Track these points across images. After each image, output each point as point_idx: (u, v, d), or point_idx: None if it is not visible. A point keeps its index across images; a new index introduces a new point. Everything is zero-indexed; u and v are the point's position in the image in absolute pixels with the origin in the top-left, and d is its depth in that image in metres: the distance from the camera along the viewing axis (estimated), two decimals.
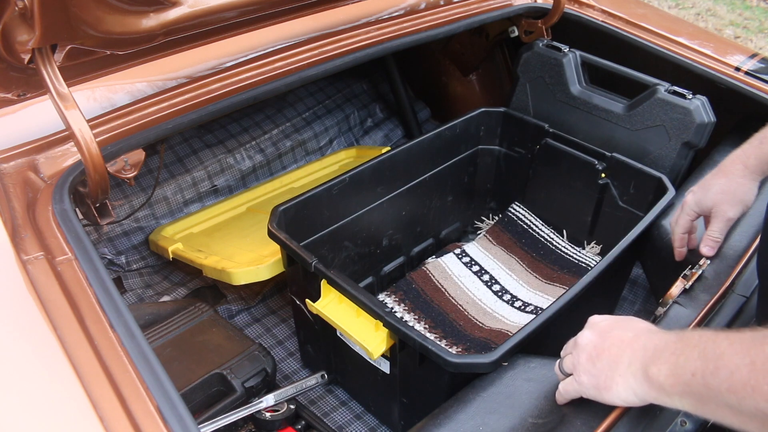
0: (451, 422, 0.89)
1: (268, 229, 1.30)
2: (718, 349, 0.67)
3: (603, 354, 0.81)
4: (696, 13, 5.04)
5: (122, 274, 1.77)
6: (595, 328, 0.85)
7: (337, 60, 1.49)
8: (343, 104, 2.33)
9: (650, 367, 0.74)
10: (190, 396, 1.27)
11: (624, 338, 0.80)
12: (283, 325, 1.70)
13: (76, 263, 0.96)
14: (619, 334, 0.81)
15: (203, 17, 1.10)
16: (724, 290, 1.11)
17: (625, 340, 0.80)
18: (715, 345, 0.67)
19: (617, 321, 0.84)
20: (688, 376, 0.69)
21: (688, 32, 1.82)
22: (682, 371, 0.70)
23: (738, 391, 0.63)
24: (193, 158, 1.96)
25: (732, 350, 0.65)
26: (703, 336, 0.70)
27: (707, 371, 0.66)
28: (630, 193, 1.56)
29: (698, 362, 0.68)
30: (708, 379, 0.66)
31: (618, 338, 0.81)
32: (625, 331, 0.81)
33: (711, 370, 0.66)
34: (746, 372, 0.63)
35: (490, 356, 0.98)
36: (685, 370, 0.69)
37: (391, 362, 1.23)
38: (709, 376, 0.66)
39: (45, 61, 0.99)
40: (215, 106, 1.31)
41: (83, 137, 1.03)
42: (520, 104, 1.85)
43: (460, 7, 1.77)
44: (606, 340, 0.82)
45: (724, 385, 0.64)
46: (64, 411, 0.79)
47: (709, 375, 0.66)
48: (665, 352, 0.73)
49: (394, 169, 1.58)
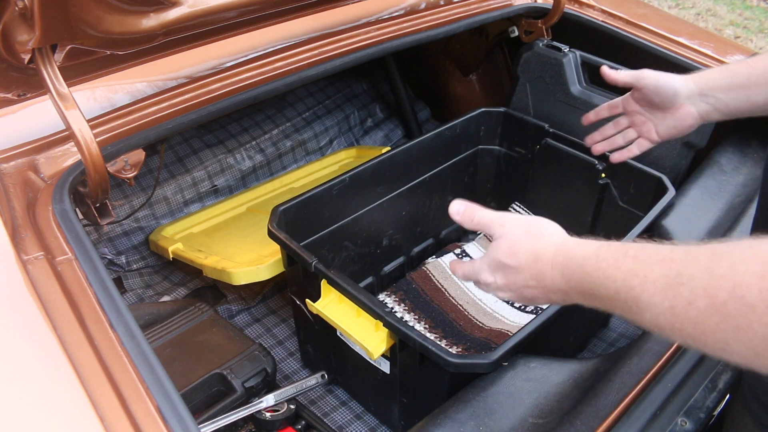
0: (451, 422, 0.89)
1: (268, 229, 1.30)
2: (634, 293, 0.65)
3: (518, 294, 0.82)
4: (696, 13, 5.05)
5: (122, 274, 1.77)
6: (497, 269, 0.83)
7: (337, 60, 1.49)
8: (343, 104, 2.33)
9: (572, 294, 0.75)
10: (190, 396, 1.27)
11: (532, 278, 0.80)
12: (283, 325, 1.70)
13: (76, 263, 0.96)
14: (525, 275, 0.80)
15: (203, 17, 1.10)
16: None
17: (536, 277, 0.79)
18: (631, 290, 0.65)
19: (530, 224, 0.84)
20: (610, 305, 0.69)
21: (689, 32, 1.82)
22: (603, 300, 0.70)
23: (664, 330, 0.62)
24: (193, 158, 1.96)
25: (648, 294, 0.63)
26: (618, 269, 0.67)
27: (629, 311, 0.65)
28: (630, 193, 1.56)
29: (619, 304, 0.67)
30: (632, 316, 0.65)
31: (524, 282, 0.81)
32: (537, 244, 0.80)
33: (634, 311, 0.65)
34: (669, 317, 0.61)
35: (490, 356, 0.98)
36: (606, 302, 0.69)
37: (391, 362, 1.23)
38: (632, 315, 0.65)
39: (45, 61, 0.99)
40: (215, 106, 1.31)
41: (83, 137, 1.03)
42: (520, 104, 1.85)
43: (460, 7, 1.77)
44: (516, 282, 0.81)
45: (649, 324, 0.64)
46: (64, 411, 0.79)
47: (632, 314, 0.65)
48: (580, 271, 0.73)
49: (394, 169, 1.58)
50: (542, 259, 0.78)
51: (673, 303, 0.60)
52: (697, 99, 1.12)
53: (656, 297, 0.62)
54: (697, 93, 1.11)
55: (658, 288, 0.62)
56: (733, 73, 1.07)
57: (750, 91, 1.04)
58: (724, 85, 1.08)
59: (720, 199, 1.37)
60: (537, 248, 0.79)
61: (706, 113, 1.12)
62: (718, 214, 1.34)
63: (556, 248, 0.78)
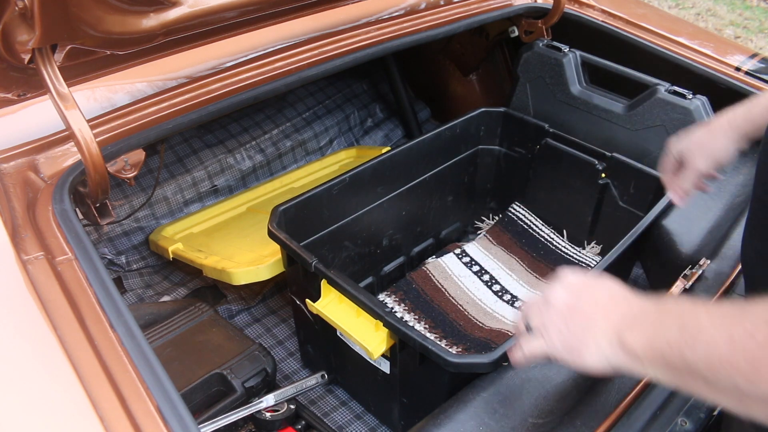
0: (451, 422, 0.89)
1: (268, 229, 1.30)
2: (697, 321, 0.65)
3: (577, 314, 0.77)
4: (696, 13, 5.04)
5: (122, 274, 1.77)
6: (569, 287, 0.80)
7: (337, 60, 1.49)
8: (343, 104, 2.33)
9: (626, 333, 0.72)
10: (190, 396, 1.27)
11: (599, 300, 0.77)
12: (283, 325, 1.70)
13: (76, 263, 0.96)
14: (594, 294, 0.78)
15: (203, 17, 1.10)
16: (724, 290, 1.11)
17: (600, 302, 0.77)
18: (694, 316, 0.66)
19: (592, 280, 0.81)
20: (664, 345, 0.67)
21: (688, 32, 1.82)
22: (659, 341, 0.68)
23: (715, 366, 0.61)
24: (193, 158, 1.96)
25: (711, 324, 0.63)
26: (683, 306, 0.68)
27: (685, 344, 0.65)
28: (630, 193, 1.56)
29: (676, 333, 0.66)
30: (685, 351, 0.64)
31: (593, 299, 0.77)
32: (601, 292, 0.78)
33: (689, 344, 0.64)
34: (725, 348, 0.61)
35: (490, 356, 0.98)
36: (662, 340, 0.67)
37: (391, 362, 1.23)
38: (686, 349, 0.64)
39: (45, 61, 0.99)
40: (215, 106, 1.31)
41: (83, 137, 1.03)
42: (520, 104, 1.85)
43: (460, 7, 1.77)
44: (580, 299, 0.78)
45: (702, 359, 0.63)
46: (64, 411, 0.79)
47: (686, 348, 0.64)
48: (642, 320, 0.71)
49: (394, 169, 1.58)
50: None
51: (732, 334, 0.60)
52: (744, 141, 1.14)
53: (716, 329, 0.62)
54: (742, 136, 1.13)
55: (722, 320, 0.63)
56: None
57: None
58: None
59: (720, 199, 1.37)
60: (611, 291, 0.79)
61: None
62: (718, 214, 1.34)
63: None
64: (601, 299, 0.77)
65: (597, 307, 0.76)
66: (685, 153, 1.17)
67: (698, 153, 1.14)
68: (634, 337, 0.71)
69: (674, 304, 0.70)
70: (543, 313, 0.81)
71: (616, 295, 0.77)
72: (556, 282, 0.82)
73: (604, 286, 0.79)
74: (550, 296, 0.81)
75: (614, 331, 0.73)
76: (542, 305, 0.81)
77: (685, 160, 1.17)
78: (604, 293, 0.78)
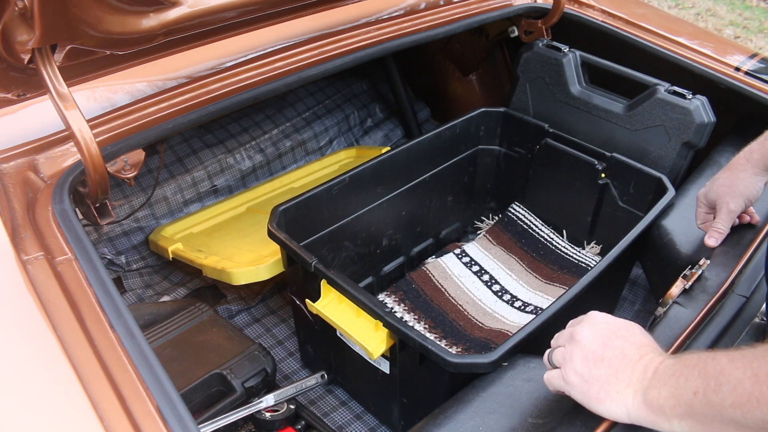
0: (451, 422, 0.89)
1: (268, 229, 1.30)
2: (718, 365, 0.66)
3: (601, 363, 0.78)
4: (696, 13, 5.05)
5: (122, 274, 1.77)
6: (596, 330, 0.81)
7: (337, 60, 1.49)
8: (343, 104, 2.33)
9: (650, 390, 0.72)
10: (190, 396, 1.27)
11: (627, 353, 0.77)
12: (283, 325, 1.70)
13: (75, 263, 0.95)
14: (621, 346, 0.78)
15: (203, 17, 1.10)
16: (724, 290, 1.11)
17: (627, 355, 0.77)
18: (715, 362, 0.67)
19: (620, 328, 0.80)
20: (689, 395, 0.67)
21: (688, 32, 1.82)
22: (683, 392, 0.68)
23: (743, 404, 0.62)
24: (193, 158, 1.96)
25: (733, 365, 0.65)
26: (702, 356, 0.69)
27: (709, 388, 0.65)
28: (630, 193, 1.56)
29: (699, 381, 0.67)
30: (710, 396, 0.65)
31: (620, 351, 0.77)
32: (629, 346, 0.78)
33: (713, 387, 0.65)
34: (749, 384, 0.62)
35: (490, 356, 0.98)
36: (686, 390, 0.68)
37: (391, 362, 1.23)
38: (712, 393, 0.65)
39: (45, 61, 0.99)
40: (215, 106, 1.31)
41: (83, 137, 1.03)
42: (520, 104, 1.85)
43: (459, 7, 1.77)
44: (607, 348, 0.78)
45: (728, 400, 0.63)
46: (63, 411, 0.79)
47: (712, 392, 0.65)
48: (665, 375, 0.72)
49: (394, 169, 1.58)
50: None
51: (756, 371, 0.62)
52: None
53: (739, 369, 0.64)
54: (763, 170, 1.16)
55: (743, 359, 0.64)
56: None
57: None
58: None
59: None
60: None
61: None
62: None
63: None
64: (629, 353, 0.77)
65: (624, 360, 0.76)
66: (714, 198, 1.20)
67: (727, 195, 1.17)
68: (658, 393, 0.71)
69: (693, 354, 0.71)
70: (566, 350, 0.81)
71: (643, 349, 0.77)
72: (586, 321, 0.83)
73: (632, 337, 0.79)
74: (576, 334, 0.81)
75: (640, 387, 0.74)
76: (566, 341, 0.83)
77: (716, 205, 1.20)
78: (632, 346, 0.78)
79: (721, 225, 1.19)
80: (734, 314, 1.08)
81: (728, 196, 1.17)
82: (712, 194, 1.20)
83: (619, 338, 0.79)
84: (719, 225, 1.19)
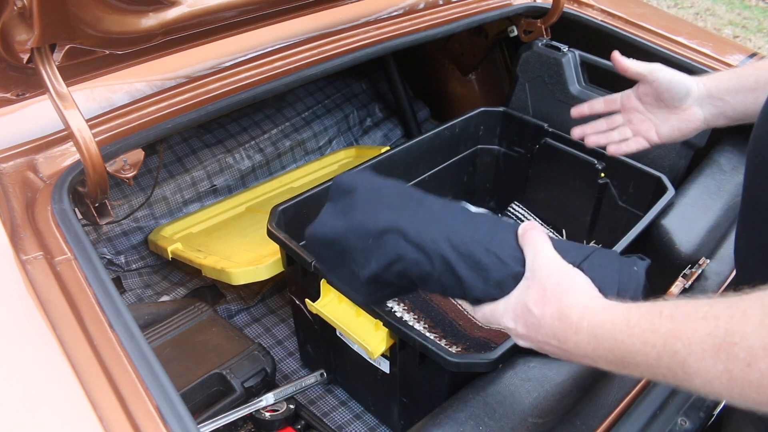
0: (451, 422, 0.89)
1: (268, 229, 1.29)
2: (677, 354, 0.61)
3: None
4: (695, 12, 5.05)
5: (121, 274, 1.76)
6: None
7: (337, 60, 1.49)
8: (342, 104, 2.32)
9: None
10: (190, 396, 1.27)
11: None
12: (282, 325, 1.70)
13: (75, 263, 0.95)
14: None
15: (202, 17, 1.10)
16: (723, 290, 1.11)
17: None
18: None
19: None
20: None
21: (687, 32, 1.82)
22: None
23: (723, 397, 0.59)
24: (193, 158, 1.96)
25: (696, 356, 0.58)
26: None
27: (675, 377, 0.61)
28: (629, 193, 1.56)
29: (661, 370, 0.63)
30: (683, 383, 0.61)
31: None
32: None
33: (681, 377, 0.61)
34: (725, 382, 0.56)
35: (490, 356, 0.98)
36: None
37: (390, 362, 1.23)
38: (683, 382, 0.61)
39: (44, 61, 0.98)
40: (214, 105, 1.31)
41: (82, 137, 1.02)
42: (520, 104, 1.85)
43: (459, 7, 1.77)
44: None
45: (702, 391, 0.59)
46: (63, 411, 0.79)
47: (681, 381, 0.61)
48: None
49: (393, 169, 1.57)
50: (566, 320, 0.72)
51: (728, 366, 0.54)
52: (706, 101, 1.09)
53: (706, 360, 0.56)
54: (706, 95, 1.09)
55: (707, 350, 0.56)
56: (740, 75, 1.06)
57: (758, 94, 1.02)
58: (733, 88, 1.06)
59: (719, 199, 1.37)
60: (563, 304, 0.73)
61: (712, 117, 1.10)
62: (718, 214, 1.34)
63: (581, 310, 0.72)
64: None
65: (558, 349, 0.76)
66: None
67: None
68: (605, 365, 0.71)
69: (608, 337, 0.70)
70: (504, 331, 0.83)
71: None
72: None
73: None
74: (506, 324, 0.82)
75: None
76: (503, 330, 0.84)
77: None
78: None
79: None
80: None
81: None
82: None
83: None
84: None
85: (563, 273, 0.77)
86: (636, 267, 0.83)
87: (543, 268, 0.77)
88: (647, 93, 1.17)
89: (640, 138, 1.21)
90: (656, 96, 1.15)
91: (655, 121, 1.18)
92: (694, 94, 1.10)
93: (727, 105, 1.07)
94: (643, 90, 1.18)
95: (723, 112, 1.08)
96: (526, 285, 0.78)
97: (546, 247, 0.79)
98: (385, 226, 0.85)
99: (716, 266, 1.16)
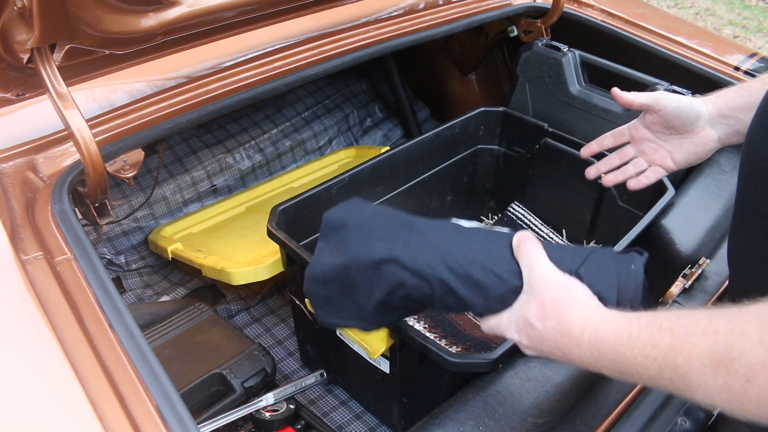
0: (451, 422, 0.89)
1: (268, 229, 1.29)
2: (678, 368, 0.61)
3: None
4: (695, 12, 5.05)
5: (121, 274, 1.76)
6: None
7: (337, 60, 1.49)
8: (342, 104, 2.32)
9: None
10: (190, 396, 1.27)
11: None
12: (282, 325, 1.70)
13: (75, 263, 0.95)
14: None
15: (202, 17, 1.10)
16: (724, 290, 1.11)
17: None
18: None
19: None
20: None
21: (687, 32, 1.82)
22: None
23: (723, 410, 0.59)
24: (192, 158, 1.96)
25: (697, 371, 0.59)
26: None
27: (677, 389, 0.62)
28: (629, 193, 1.56)
29: (663, 381, 0.64)
30: (685, 395, 0.62)
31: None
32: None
33: (683, 390, 0.61)
34: (725, 396, 0.57)
35: (490, 356, 0.98)
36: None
37: (390, 362, 1.23)
38: (685, 394, 0.62)
39: (44, 61, 0.98)
40: (214, 105, 1.31)
41: (82, 137, 1.02)
42: (520, 104, 1.85)
43: (459, 7, 1.77)
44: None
45: (703, 403, 0.61)
46: (63, 411, 0.79)
47: (683, 393, 0.62)
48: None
49: (393, 169, 1.57)
50: (568, 334, 0.73)
51: (728, 381, 0.55)
52: (717, 121, 1.07)
53: (707, 375, 0.57)
54: (717, 115, 1.07)
55: (707, 365, 0.57)
56: (750, 91, 1.04)
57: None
58: (744, 105, 1.03)
59: (719, 199, 1.37)
60: (564, 319, 0.74)
61: (726, 136, 1.07)
62: (718, 214, 1.34)
63: (582, 324, 0.72)
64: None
65: (564, 359, 0.78)
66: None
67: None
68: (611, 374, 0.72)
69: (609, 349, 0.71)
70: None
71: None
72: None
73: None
74: (511, 336, 0.83)
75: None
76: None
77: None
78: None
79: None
80: None
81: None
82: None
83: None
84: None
85: (561, 286, 0.77)
86: (634, 265, 0.83)
87: (540, 282, 0.77)
88: (655, 122, 1.14)
89: (656, 167, 1.18)
90: (665, 124, 1.12)
91: (668, 149, 1.15)
92: (704, 116, 1.08)
93: (740, 123, 1.05)
94: (650, 119, 1.15)
95: (737, 130, 1.06)
96: (526, 299, 0.79)
97: (541, 260, 0.79)
98: (380, 257, 0.86)
99: (716, 266, 1.16)
